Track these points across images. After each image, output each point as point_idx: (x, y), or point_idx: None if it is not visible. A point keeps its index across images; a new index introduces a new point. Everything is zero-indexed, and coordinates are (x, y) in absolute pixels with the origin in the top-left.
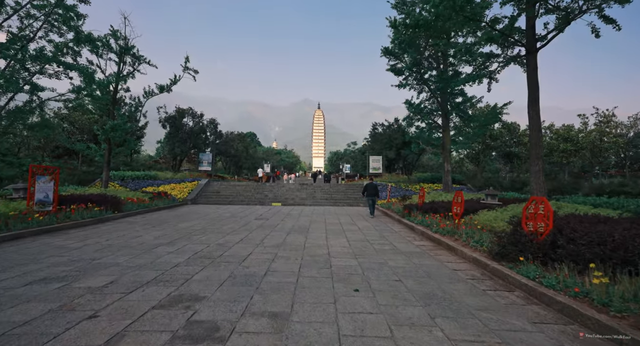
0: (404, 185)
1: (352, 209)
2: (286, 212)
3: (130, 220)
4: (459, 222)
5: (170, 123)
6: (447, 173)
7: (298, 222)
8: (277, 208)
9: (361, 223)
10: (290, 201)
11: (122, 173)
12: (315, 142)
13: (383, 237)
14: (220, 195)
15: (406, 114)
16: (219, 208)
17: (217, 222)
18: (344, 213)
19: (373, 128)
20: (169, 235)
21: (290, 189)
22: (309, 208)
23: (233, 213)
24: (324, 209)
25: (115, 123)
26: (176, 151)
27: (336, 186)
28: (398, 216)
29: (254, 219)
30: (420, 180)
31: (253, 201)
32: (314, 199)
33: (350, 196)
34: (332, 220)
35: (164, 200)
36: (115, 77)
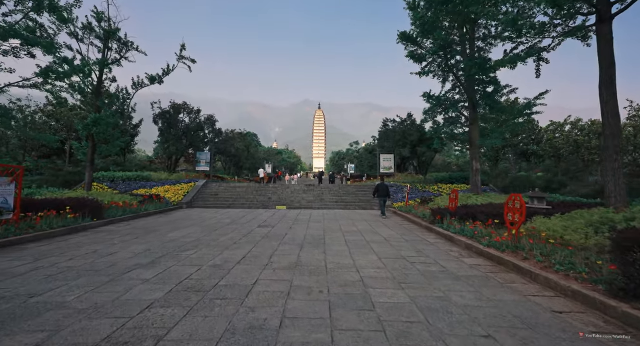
0: (420, 186)
1: (367, 213)
2: (293, 217)
3: (112, 228)
4: (518, 233)
5: (163, 120)
6: (476, 173)
7: (310, 230)
8: (283, 213)
9: (385, 232)
10: (296, 204)
11: (112, 174)
12: (316, 142)
13: (420, 251)
14: (219, 197)
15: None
16: (217, 213)
17: (215, 230)
18: (359, 218)
19: (384, 124)
20: (153, 250)
21: (295, 191)
22: (317, 212)
23: (233, 219)
24: (335, 213)
25: (97, 117)
26: (171, 150)
27: (345, 187)
28: (426, 222)
29: (257, 227)
30: (437, 180)
31: (255, 204)
32: (322, 202)
33: (362, 198)
34: (348, 228)
35: (156, 204)
36: (100, 64)
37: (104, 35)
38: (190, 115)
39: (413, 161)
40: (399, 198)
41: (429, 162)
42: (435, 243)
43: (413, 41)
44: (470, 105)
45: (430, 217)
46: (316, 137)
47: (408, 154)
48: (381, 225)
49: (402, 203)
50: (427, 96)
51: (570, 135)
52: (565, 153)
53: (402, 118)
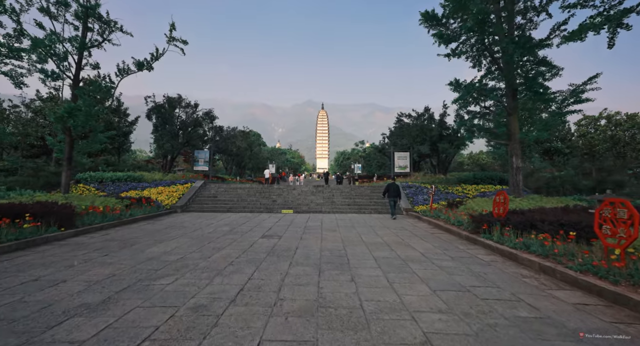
0: (442, 186)
1: (385, 218)
2: (302, 224)
3: (82, 241)
4: (624, 254)
5: (157, 115)
6: (516, 172)
7: (325, 242)
8: (290, 218)
9: (418, 244)
10: (303, 207)
11: (101, 174)
12: (320, 142)
13: (480, 276)
14: (218, 200)
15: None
16: (214, 218)
17: (208, 243)
18: (378, 225)
19: (398, 120)
20: (118, 276)
21: (302, 193)
22: (329, 217)
23: (232, 226)
24: (350, 219)
25: (72, 106)
26: (166, 147)
27: (357, 188)
28: (466, 231)
29: (260, 237)
30: (460, 180)
31: (258, 208)
32: (332, 205)
33: (376, 201)
34: (371, 238)
35: (144, 208)
36: (78, 46)
37: (82, 12)
38: (186, 110)
39: (432, 159)
40: (419, 200)
41: (449, 160)
42: (492, 262)
43: (438, 21)
44: (509, 92)
45: (470, 224)
46: (319, 137)
47: (427, 151)
48: (409, 233)
49: (424, 206)
50: (454, 84)
51: (606, 130)
52: (601, 149)
53: (418, 113)
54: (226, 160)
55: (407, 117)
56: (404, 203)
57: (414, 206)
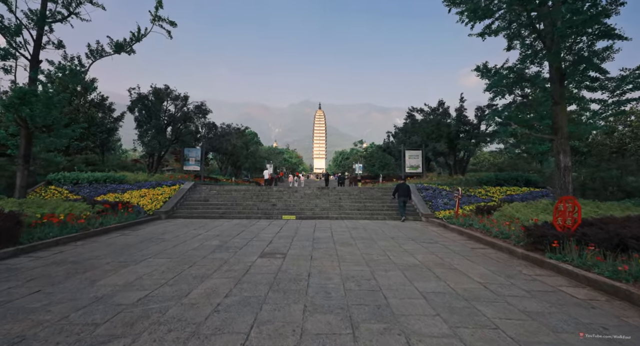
0: (462, 188)
1: (406, 227)
2: (308, 234)
3: (20, 263)
4: None
5: (141, 107)
6: (565, 172)
7: (344, 264)
8: (292, 226)
9: (469, 269)
10: (307, 212)
11: (77, 175)
12: (317, 142)
13: (608, 340)
14: (210, 204)
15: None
16: (203, 227)
17: (188, 267)
18: (402, 236)
19: (408, 115)
20: (28, 341)
21: (305, 196)
22: (338, 224)
23: (224, 238)
24: (363, 227)
25: (26, 91)
26: (151, 144)
27: (367, 190)
28: (520, 248)
29: (258, 256)
30: (481, 181)
31: (255, 213)
32: (340, 210)
33: (390, 205)
34: (400, 256)
35: (121, 214)
36: (37, 19)
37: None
38: (175, 103)
39: (447, 158)
40: (439, 204)
41: (467, 159)
42: (594, 302)
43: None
44: (556, 77)
45: (525, 238)
46: (316, 137)
47: (445, 149)
48: (444, 249)
49: (447, 211)
50: (482, 70)
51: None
52: (633, 147)
53: (432, 107)
54: (221, 160)
55: (419, 112)
56: (422, 208)
57: (434, 211)
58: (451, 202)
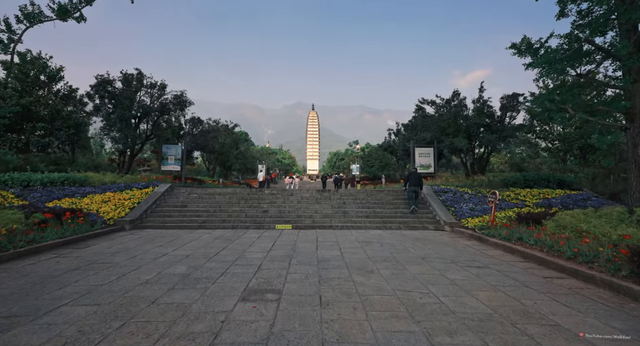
0: (484, 190)
1: (431, 240)
2: (310, 254)
3: None
4: None
5: (103, 94)
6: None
7: (376, 316)
8: (288, 239)
9: (583, 325)
10: (306, 220)
11: (28, 175)
12: (310, 143)
13: None
14: (188, 211)
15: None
16: (174, 242)
17: (119, 325)
18: (434, 256)
19: (418, 108)
20: None
21: (303, 200)
22: (345, 236)
23: (195, 261)
24: (379, 240)
25: None
26: (119, 139)
27: (375, 193)
28: (628, 282)
29: (239, 300)
30: (506, 182)
31: (243, 222)
32: (345, 217)
33: (405, 210)
34: (458, 300)
35: (66, 226)
36: None
37: None
38: (151, 92)
39: (466, 156)
40: (464, 210)
41: (487, 158)
42: None
43: None
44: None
45: (629, 266)
46: (310, 138)
47: (465, 145)
48: (513, 283)
49: (477, 218)
50: (521, 47)
51: None
52: None
53: (444, 99)
54: (208, 159)
55: (431, 105)
56: (443, 214)
57: (459, 219)
58: (478, 207)
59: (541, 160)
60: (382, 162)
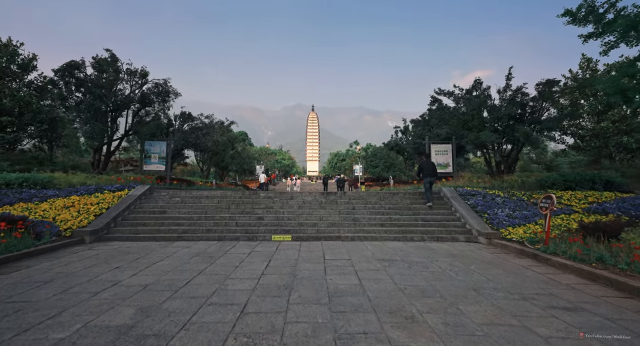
0: (519, 192)
1: (472, 257)
2: (318, 284)
3: None
4: None
5: (68, 79)
6: None
7: None
8: (287, 257)
9: None
10: (309, 230)
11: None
12: (310, 144)
13: None
14: (167, 218)
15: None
16: (136, 264)
17: None
18: (488, 284)
19: (433, 100)
20: None
21: (305, 204)
22: (359, 250)
23: (152, 298)
24: (406, 259)
25: None
26: (89, 132)
27: (390, 196)
28: None
29: None
30: (542, 184)
31: (232, 231)
32: (356, 225)
33: (426, 216)
34: None
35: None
36: None
37: None
38: (132, 81)
39: (492, 153)
40: (500, 218)
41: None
42: None
43: None
44: None
45: None
46: (309, 139)
47: (496, 139)
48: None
49: (519, 228)
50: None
51: None
52: None
53: (463, 89)
54: (202, 159)
55: (449, 96)
56: (475, 222)
57: (497, 228)
58: (517, 213)
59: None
60: (388, 162)
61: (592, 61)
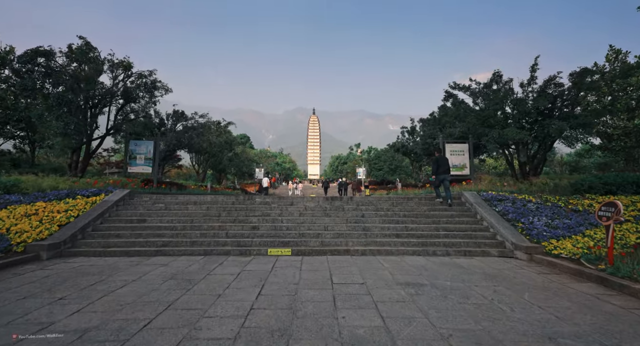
0: (552, 198)
1: (521, 282)
2: (326, 320)
3: None
4: None
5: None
6: None
7: None
8: (286, 279)
9: None
10: (312, 242)
11: None
12: (311, 148)
13: None
14: (146, 228)
15: None
16: (87, 292)
17: None
18: (566, 331)
19: (447, 95)
20: None
21: (307, 210)
22: (374, 270)
23: None
24: (435, 282)
25: None
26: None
27: (403, 202)
28: None
29: None
30: (577, 188)
31: (222, 244)
32: (367, 236)
33: (447, 225)
34: None
35: None
36: None
37: None
38: (113, 73)
39: (519, 154)
40: (537, 227)
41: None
42: None
43: None
44: None
45: None
46: (311, 142)
47: (524, 137)
48: None
49: (567, 240)
50: None
51: None
52: None
53: (481, 83)
54: (197, 161)
55: (464, 91)
56: (508, 233)
57: (539, 241)
58: (556, 222)
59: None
60: (393, 165)
61: (621, 52)
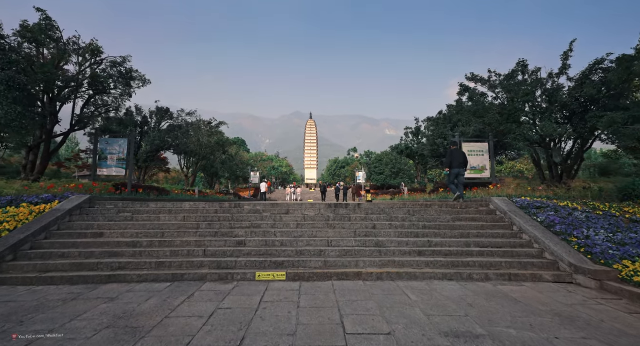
0: (601, 205)
1: (628, 331)
2: None
3: None
4: None
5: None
6: None
7: None
8: (278, 326)
9: None
10: (312, 262)
11: None
12: (308, 152)
13: None
14: (102, 244)
15: None
16: None
17: None
18: None
19: (463, 89)
20: None
21: (306, 220)
22: (397, 304)
23: None
24: (484, 320)
25: None
26: (5, 119)
27: (421, 209)
28: None
29: None
30: (626, 193)
31: (196, 265)
32: (381, 253)
33: (484, 240)
34: None
35: None
36: None
37: None
38: (78, 57)
39: (554, 153)
40: (597, 243)
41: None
42: None
43: None
44: None
45: None
46: (308, 147)
47: (561, 132)
48: None
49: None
50: None
51: None
52: None
53: (501, 75)
54: (187, 164)
55: (483, 84)
56: (563, 251)
57: (608, 262)
58: (619, 236)
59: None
60: (395, 168)
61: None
